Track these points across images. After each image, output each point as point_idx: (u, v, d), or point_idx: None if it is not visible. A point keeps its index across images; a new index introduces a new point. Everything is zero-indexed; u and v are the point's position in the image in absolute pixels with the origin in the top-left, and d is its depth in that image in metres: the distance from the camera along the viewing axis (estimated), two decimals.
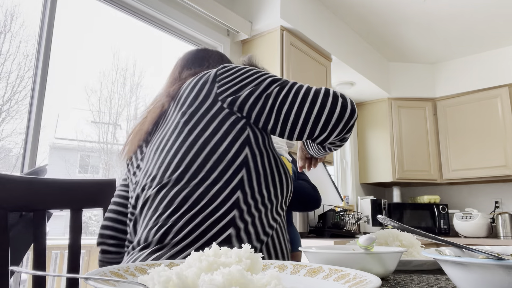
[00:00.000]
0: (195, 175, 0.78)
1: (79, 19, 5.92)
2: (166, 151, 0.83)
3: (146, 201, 0.83)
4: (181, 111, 0.85)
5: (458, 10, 3.12)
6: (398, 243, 0.85)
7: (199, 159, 0.79)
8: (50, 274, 0.38)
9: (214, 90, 0.84)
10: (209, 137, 0.80)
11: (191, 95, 0.85)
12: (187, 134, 0.81)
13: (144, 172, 0.87)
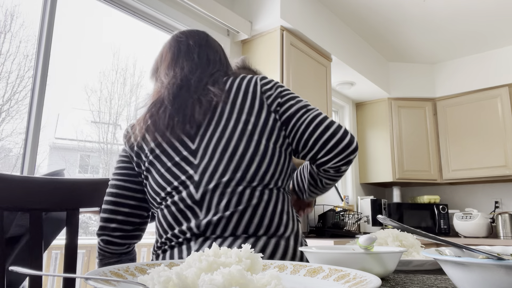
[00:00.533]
0: (263, 178, 0.93)
1: (79, 19, 5.92)
2: (238, 157, 0.92)
3: (213, 194, 0.90)
4: (242, 118, 0.96)
5: (458, 10, 3.12)
6: (398, 243, 0.85)
7: (264, 164, 0.94)
8: (51, 274, 0.38)
9: (265, 102, 0.99)
10: (274, 147, 0.96)
11: (247, 102, 0.98)
12: (257, 143, 0.94)
13: (212, 168, 0.92)
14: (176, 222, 0.91)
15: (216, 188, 0.90)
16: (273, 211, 0.92)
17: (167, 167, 0.94)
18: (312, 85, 2.84)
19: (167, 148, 0.95)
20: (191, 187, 0.91)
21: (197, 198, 0.90)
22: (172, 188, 0.93)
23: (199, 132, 0.95)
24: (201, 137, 0.95)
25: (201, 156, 0.93)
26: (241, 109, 0.97)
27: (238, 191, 0.90)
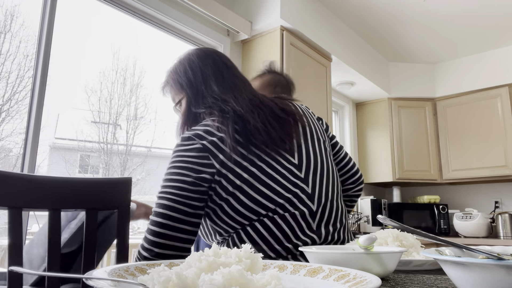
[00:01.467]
0: (339, 189, 1.09)
1: (79, 19, 5.92)
2: (331, 172, 1.05)
3: (325, 207, 0.98)
4: (321, 139, 1.08)
5: (458, 10, 3.12)
6: (398, 243, 0.85)
7: (336, 176, 1.10)
8: (51, 274, 0.38)
9: (323, 127, 1.15)
10: (332, 162, 1.12)
11: (320, 128, 1.12)
12: (332, 160, 1.10)
13: (319, 182, 0.99)
14: (293, 232, 0.89)
15: (327, 202, 0.98)
16: (346, 219, 1.09)
17: (274, 178, 0.91)
18: (312, 85, 2.84)
19: (269, 160, 0.92)
20: (305, 199, 0.93)
21: (314, 210, 0.94)
22: (284, 199, 0.90)
23: (294, 148, 0.98)
24: (299, 153, 0.98)
25: (305, 170, 0.97)
26: (320, 132, 1.09)
27: (341, 205, 1.03)
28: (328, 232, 0.95)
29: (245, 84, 1.06)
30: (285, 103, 1.05)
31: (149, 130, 7.99)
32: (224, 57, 1.10)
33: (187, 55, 1.09)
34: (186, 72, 1.05)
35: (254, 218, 0.90)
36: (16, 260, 0.87)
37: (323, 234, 0.94)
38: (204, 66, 1.05)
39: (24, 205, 0.94)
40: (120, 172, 7.34)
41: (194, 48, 1.15)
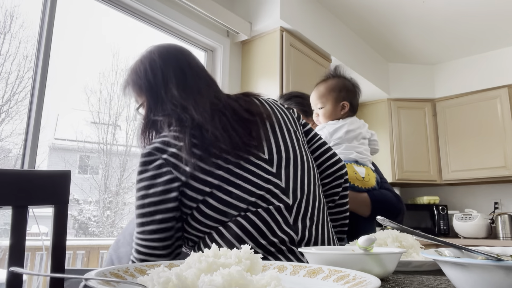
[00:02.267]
0: (316, 180, 1.02)
1: (79, 20, 5.92)
2: (306, 162, 1.00)
3: (301, 201, 0.93)
4: (291, 130, 1.02)
5: (457, 11, 3.12)
6: (398, 244, 0.85)
7: (312, 166, 1.04)
8: (51, 274, 0.38)
9: (300, 129, 1.08)
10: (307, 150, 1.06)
11: (287, 118, 1.05)
12: (306, 150, 1.04)
13: (293, 175, 0.94)
14: (268, 228, 0.85)
15: (303, 195, 0.93)
16: (326, 213, 1.02)
17: (244, 177, 0.88)
18: (312, 85, 2.83)
19: (236, 160, 0.89)
20: (280, 194, 0.89)
21: (290, 204, 0.89)
22: (257, 197, 0.87)
23: (263, 144, 0.94)
24: (269, 147, 0.94)
25: (277, 163, 0.93)
26: (287, 122, 1.03)
27: (319, 197, 0.97)
28: (305, 226, 0.89)
29: (209, 86, 1.00)
30: (250, 102, 0.99)
31: None
32: (189, 56, 1.04)
33: (149, 53, 1.02)
34: (146, 73, 0.99)
35: (226, 220, 0.87)
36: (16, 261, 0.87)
37: (300, 229, 0.88)
38: (166, 67, 0.99)
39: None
40: (120, 173, 7.34)
41: (156, 44, 1.05)
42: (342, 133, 1.36)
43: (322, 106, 1.44)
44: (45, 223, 5.07)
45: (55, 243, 0.94)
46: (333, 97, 1.43)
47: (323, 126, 1.42)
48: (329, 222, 0.99)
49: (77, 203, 7.39)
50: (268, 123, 0.98)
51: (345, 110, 1.42)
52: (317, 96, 1.47)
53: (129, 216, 8.04)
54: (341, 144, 1.36)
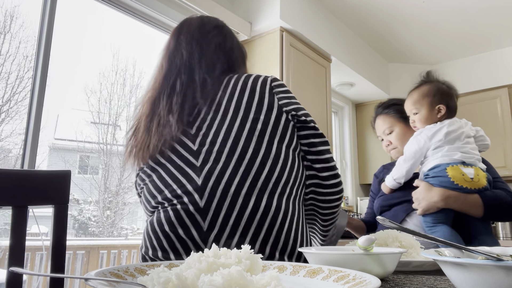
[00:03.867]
0: (276, 186, 0.84)
1: (79, 20, 5.92)
2: (248, 159, 0.83)
3: (221, 204, 0.81)
4: (250, 116, 0.87)
5: (457, 11, 3.12)
6: (398, 244, 0.85)
7: (277, 169, 0.85)
8: (51, 275, 0.39)
9: (275, 101, 0.91)
10: (286, 150, 0.88)
11: (254, 101, 0.89)
12: (268, 144, 0.86)
13: (218, 172, 0.82)
14: (173, 229, 0.81)
15: (224, 196, 0.80)
16: (289, 229, 0.82)
17: (167, 169, 0.86)
18: (312, 86, 2.84)
19: (167, 152, 0.88)
20: (194, 193, 0.81)
21: (201, 206, 0.80)
22: (173, 194, 0.84)
23: (200, 132, 0.86)
24: (203, 137, 0.86)
25: (203, 158, 0.83)
26: (248, 107, 0.88)
27: (250, 201, 0.80)
28: (215, 239, 0.78)
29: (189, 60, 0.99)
30: (214, 76, 0.95)
31: None
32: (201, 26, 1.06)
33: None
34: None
35: (150, 211, 0.91)
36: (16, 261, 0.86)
37: (209, 241, 0.78)
38: (170, 36, 1.07)
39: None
40: (120, 172, 7.35)
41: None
42: (441, 136, 1.34)
43: (417, 112, 1.44)
44: (45, 223, 5.07)
45: (55, 243, 0.94)
46: (428, 102, 1.43)
47: (421, 131, 1.41)
48: (259, 239, 0.81)
49: (77, 203, 7.39)
50: (216, 108, 0.89)
51: (442, 113, 1.41)
52: (411, 103, 1.47)
53: (129, 216, 8.04)
54: (443, 147, 1.34)
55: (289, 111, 0.91)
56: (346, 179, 3.93)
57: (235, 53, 1.04)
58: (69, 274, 4.08)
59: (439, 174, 1.31)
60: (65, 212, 0.99)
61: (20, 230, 0.90)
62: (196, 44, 0.99)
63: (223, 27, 1.06)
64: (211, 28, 1.03)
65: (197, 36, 1.00)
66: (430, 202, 1.29)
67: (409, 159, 1.39)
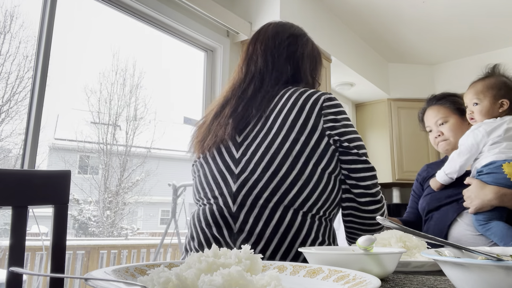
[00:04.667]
0: (303, 204, 0.89)
1: (79, 20, 5.92)
2: (280, 177, 0.88)
3: (250, 211, 0.89)
4: (291, 136, 0.90)
5: (457, 11, 3.12)
6: (402, 244, 0.85)
7: (307, 189, 0.89)
8: (51, 275, 0.39)
9: (321, 123, 0.92)
10: (321, 172, 0.91)
11: (299, 121, 0.92)
12: (303, 166, 0.89)
13: (250, 186, 0.89)
14: (208, 226, 0.91)
15: (253, 206, 0.87)
16: (304, 239, 0.87)
17: (212, 171, 0.95)
18: None
19: (214, 152, 0.97)
20: (228, 197, 0.89)
21: (233, 211, 0.88)
22: (211, 195, 0.93)
23: (245, 142, 0.93)
24: (246, 147, 0.93)
25: (242, 167, 0.91)
26: (292, 126, 0.91)
27: (276, 214, 0.86)
28: (244, 242, 0.86)
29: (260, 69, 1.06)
30: (270, 91, 0.99)
31: (148, 131, 8.00)
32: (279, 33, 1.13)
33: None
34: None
35: (195, 202, 1.02)
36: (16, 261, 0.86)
37: (238, 242, 0.86)
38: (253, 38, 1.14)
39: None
40: (120, 172, 7.35)
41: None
42: (501, 131, 1.29)
43: (478, 102, 1.39)
44: (45, 223, 5.06)
45: (55, 243, 0.94)
46: (492, 94, 1.38)
47: (479, 125, 1.35)
48: (276, 244, 0.87)
49: (77, 203, 7.39)
50: (264, 121, 0.95)
51: (504, 108, 1.35)
52: (473, 93, 1.42)
53: (129, 216, 8.03)
54: (501, 143, 1.29)
55: (332, 135, 0.93)
56: None
57: (304, 63, 1.07)
58: (69, 274, 4.08)
59: (494, 170, 1.27)
60: (65, 212, 0.99)
61: (20, 230, 0.90)
62: (270, 54, 1.05)
63: (298, 37, 1.09)
64: (285, 38, 1.07)
65: (270, 45, 1.06)
66: (484, 200, 1.25)
67: (464, 153, 1.35)
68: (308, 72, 1.08)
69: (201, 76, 2.67)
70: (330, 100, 0.96)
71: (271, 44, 1.05)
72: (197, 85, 2.69)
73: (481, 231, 1.29)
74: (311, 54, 1.09)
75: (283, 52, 1.04)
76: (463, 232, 1.35)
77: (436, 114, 1.63)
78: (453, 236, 1.37)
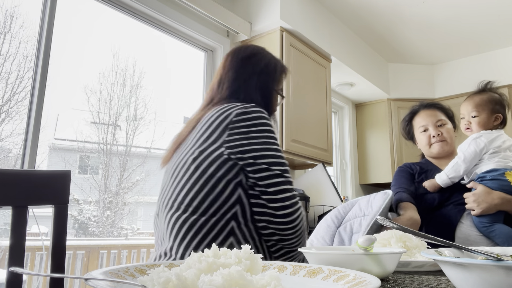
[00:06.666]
0: (197, 208, 0.94)
1: (79, 20, 5.92)
2: (177, 183, 0.99)
3: (162, 219, 1.03)
4: (192, 148, 1.00)
5: (457, 11, 3.12)
6: (402, 244, 0.85)
7: (200, 196, 0.95)
8: (51, 274, 0.39)
9: (223, 136, 0.97)
10: (209, 178, 0.95)
11: (204, 135, 1.00)
12: (192, 172, 0.97)
13: (162, 192, 1.07)
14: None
15: (161, 211, 1.03)
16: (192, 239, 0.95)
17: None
18: (312, 86, 2.84)
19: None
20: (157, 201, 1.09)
21: (158, 217, 1.07)
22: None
23: (173, 156, 1.10)
24: (172, 160, 1.08)
25: (165, 177, 1.09)
26: (198, 139, 1.01)
27: (180, 218, 0.96)
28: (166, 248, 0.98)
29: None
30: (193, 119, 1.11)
31: (148, 131, 8.00)
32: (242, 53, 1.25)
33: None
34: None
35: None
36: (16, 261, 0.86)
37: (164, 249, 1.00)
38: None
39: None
40: (120, 172, 7.35)
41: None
42: (500, 142, 1.44)
43: (477, 114, 1.54)
44: (45, 223, 5.06)
45: (55, 243, 0.94)
46: (490, 108, 1.54)
47: (480, 134, 1.48)
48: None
49: (77, 203, 7.39)
50: (177, 140, 1.11)
51: (498, 122, 1.51)
52: (473, 105, 1.58)
53: (129, 216, 8.04)
54: (499, 153, 1.43)
55: (232, 146, 0.96)
56: (346, 179, 3.93)
57: (251, 81, 1.13)
58: (69, 274, 4.08)
59: (498, 177, 1.39)
60: (65, 212, 0.99)
61: (20, 230, 0.90)
62: (220, 77, 1.15)
63: (250, 58, 1.16)
64: (238, 61, 1.15)
65: (225, 70, 1.15)
66: (491, 204, 1.35)
67: (468, 159, 1.45)
68: (254, 88, 1.12)
69: (201, 76, 2.67)
70: (243, 114, 0.98)
71: (226, 69, 1.15)
72: (197, 85, 2.69)
73: (485, 233, 1.38)
74: (263, 70, 1.15)
75: (233, 75, 1.13)
76: (469, 233, 1.43)
77: (435, 115, 1.75)
78: (459, 237, 1.43)
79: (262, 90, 1.13)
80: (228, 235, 0.93)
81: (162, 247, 1.00)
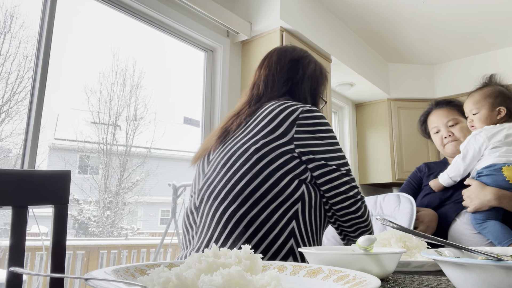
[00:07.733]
0: (258, 202, 0.90)
1: (79, 20, 5.92)
2: (232, 173, 0.94)
3: (208, 212, 0.96)
4: (254, 138, 0.96)
5: (457, 11, 3.12)
6: (401, 244, 0.85)
7: (263, 188, 0.91)
8: (51, 275, 0.39)
9: (292, 132, 0.96)
10: (274, 170, 0.92)
11: (269, 127, 0.97)
12: (255, 162, 0.93)
13: (209, 183, 0.99)
14: (187, 216, 1.05)
15: (208, 199, 0.97)
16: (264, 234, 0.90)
17: (195, 173, 1.11)
18: None
19: (201, 160, 1.11)
20: (196, 193, 1.03)
21: (197, 205, 1.01)
22: (192, 192, 1.08)
23: (221, 147, 1.03)
24: (220, 150, 1.03)
25: (209, 167, 1.03)
26: (260, 131, 0.97)
27: (237, 213, 0.91)
28: (201, 243, 0.95)
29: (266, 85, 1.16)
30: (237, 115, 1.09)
31: (148, 131, 8.01)
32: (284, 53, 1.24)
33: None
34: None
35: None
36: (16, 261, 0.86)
37: (197, 245, 0.96)
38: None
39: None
40: (120, 172, 7.34)
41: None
42: (501, 137, 1.39)
43: (477, 111, 1.49)
44: (45, 223, 5.06)
45: (55, 243, 0.94)
46: (489, 102, 1.49)
47: (480, 130, 1.45)
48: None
49: (77, 203, 7.39)
50: (223, 132, 1.07)
51: (502, 115, 1.45)
52: (472, 103, 1.53)
53: (129, 216, 8.04)
54: (501, 147, 1.38)
55: (300, 145, 0.96)
56: None
57: (304, 84, 1.13)
58: (69, 274, 4.08)
59: (494, 172, 1.34)
60: (65, 212, 0.99)
61: (20, 230, 0.90)
62: (271, 79, 1.12)
63: (299, 60, 1.16)
64: (286, 63, 1.14)
65: (273, 71, 1.13)
66: (483, 200, 1.32)
67: (468, 157, 1.43)
68: (307, 92, 1.14)
69: (201, 76, 2.67)
70: (308, 112, 0.99)
71: (274, 69, 1.12)
72: (197, 85, 2.69)
73: (478, 229, 1.36)
74: (312, 75, 1.15)
75: (283, 76, 1.12)
76: (462, 231, 1.42)
77: (446, 115, 1.70)
78: (452, 236, 1.42)
79: (311, 94, 1.15)
80: (289, 236, 0.90)
81: (203, 244, 0.93)
